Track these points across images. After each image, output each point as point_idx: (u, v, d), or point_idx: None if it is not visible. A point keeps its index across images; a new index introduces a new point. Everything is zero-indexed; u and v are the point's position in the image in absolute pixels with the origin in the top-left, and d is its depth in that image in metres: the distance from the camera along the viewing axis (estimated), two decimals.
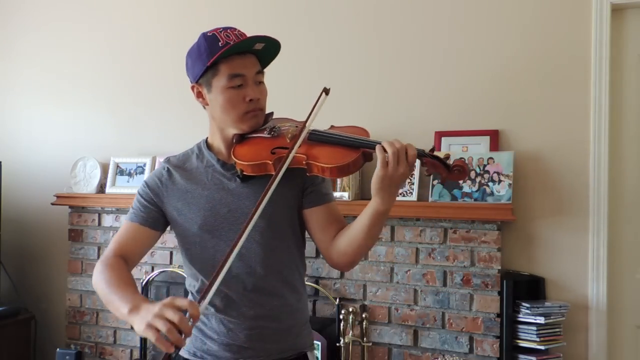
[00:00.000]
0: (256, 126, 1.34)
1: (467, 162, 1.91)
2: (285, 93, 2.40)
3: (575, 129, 2.36)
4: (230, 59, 1.28)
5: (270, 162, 1.26)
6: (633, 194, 2.39)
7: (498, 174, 2.33)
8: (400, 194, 2.47)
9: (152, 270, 2.88)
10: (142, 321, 1.04)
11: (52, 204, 3.04)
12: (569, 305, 2.25)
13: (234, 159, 1.30)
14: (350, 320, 2.46)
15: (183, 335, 1.01)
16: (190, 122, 3.00)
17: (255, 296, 1.33)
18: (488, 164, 2.35)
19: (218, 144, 1.39)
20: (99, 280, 1.25)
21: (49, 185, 3.20)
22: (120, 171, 3.01)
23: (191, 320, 1.03)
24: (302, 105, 1.44)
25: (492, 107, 2.48)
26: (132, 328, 1.11)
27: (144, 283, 2.85)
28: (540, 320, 2.19)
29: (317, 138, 1.28)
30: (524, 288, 2.32)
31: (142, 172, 2.96)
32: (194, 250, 1.37)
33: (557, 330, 2.23)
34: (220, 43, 1.27)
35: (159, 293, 2.90)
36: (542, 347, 2.20)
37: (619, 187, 2.38)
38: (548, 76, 2.41)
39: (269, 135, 1.32)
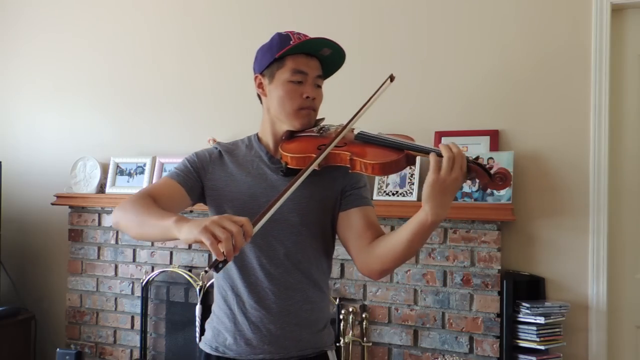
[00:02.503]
0: (307, 125, 1.38)
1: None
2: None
3: (575, 129, 2.36)
4: (298, 56, 1.35)
5: (314, 156, 1.28)
6: (633, 194, 2.39)
7: (492, 165, 2.32)
8: (400, 194, 2.47)
9: (152, 270, 2.88)
10: (197, 226, 1.04)
11: (52, 204, 3.04)
12: (569, 305, 2.26)
13: (281, 151, 1.34)
14: (350, 320, 2.46)
15: (234, 247, 1.02)
16: (189, 123, 3.00)
17: (280, 290, 1.34)
18: (488, 164, 2.35)
19: (267, 138, 1.43)
20: (129, 207, 1.24)
21: (49, 185, 3.20)
22: (120, 171, 3.01)
23: (245, 235, 1.03)
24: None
25: (492, 107, 2.48)
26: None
27: (144, 283, 2.85)
28: (540, 320, 2.19)
29: (363, 139, 1.32)
30: (524, 288, 2.32)
31: (142, 172, 2.96)
32: None
33: (557, 330, 2.24)
34: (291, 41, 1.35)
35: (159, 293, 2.90)
36: (542, 347, 2.20)
37: (619, 187, 2.38)
38: (548, 76, 2.41)
39: (317, 134, 1.37)
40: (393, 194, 2.47)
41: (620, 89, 2.39)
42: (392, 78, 1.39)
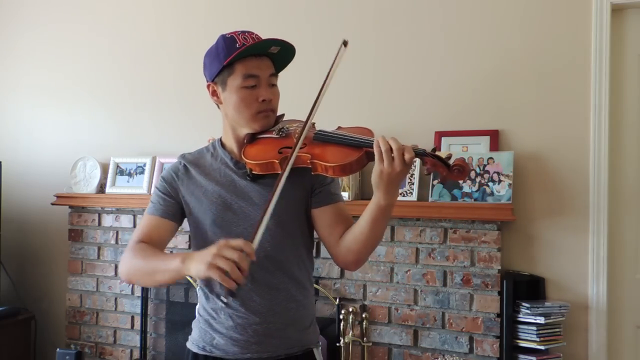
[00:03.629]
0: (267, 126, 1.38)
1: (467, 161, 1.90)
2: (285, 93, 2.40)
3: (575, 129, 2.36)
4: (246, 59, 1.33)
5: (277, 161, 1.30)
6: (633, 194, 2.39)
7: (498, 174, 2.33)
8: (401, 194, 2.47)
9: None
10: (202, 263, 1.11)
11: (52, 204, 3.04)
12: (569, 305, 2.26)
13: (244, 158, 1.35)
14: (350, 320, 2.46)
15: (241, 272, 1.09)
16: (189, 123, 3.00)
17: (263, 291, 1.35)
18: (488, 164, 2.35)
19: (230, 143, 1.44)
20: (133, 263, 1.31)
21: (49, 185, 3.20)
22: (120, 171, 3.01)
23: (247, 257, 1.11)
24: (303, 105, 1.45)
25: (492, 107, 2.48)
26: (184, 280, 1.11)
27: None
28: (540, 320, 2.19)
29: (322, 138, 1.31)
30: (524, 288, 2.32)
31: (142, 172, 2.96)
32: (205, 246, 1.37)
33: (557, 330, 2.23)
34: (237, 44, 1.32)
35: (159, 293, 2.90)
36: (542, 347, 2.20)
37: (619, 187, 2.38)
38: (548, 76, 2.41)
39: (277, 136, 1.36)
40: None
41: (620, 89, 2.39)
42: (345, 43, 1.37)
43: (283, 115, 1.44)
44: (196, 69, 3.09)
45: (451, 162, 1.19)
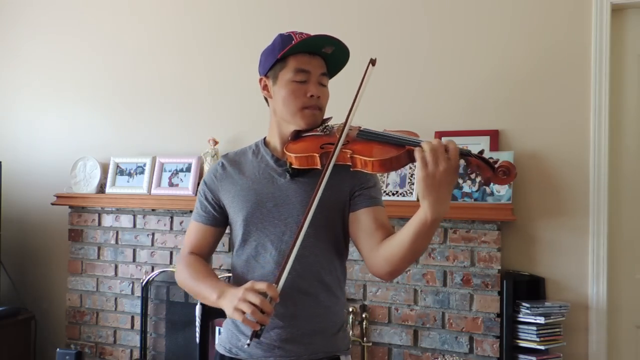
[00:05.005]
0: (313, 124, 1.37)
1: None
2: None
3: (575, 129, 2.36)
4: (300, 55, 1.35)
5: (317, 155, 1.29)
6: (633, 194, 2.39)
7: (497, 159, 2.32)
8: (400, 194, 2.47)
9: (152, 270, 2.88)
10: (230, 305, 1.19)
11: (52, 204, 3.04)
12: (569, 305, 2.26)
13: (286, 152, 1.35)
14: (350, 320, 2.46)
15: (265, 315, 1.15)
16: (189, 123, 3.00)
17: (291, 294, 1.32)
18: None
19: (275, 141, 1.44)
20: (184, 279, 1.41)
21: (49, 185, 3.20)
22: (120, 171, 3.01)
23: (271, 300, 1.16)
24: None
25: (492, 107, 2.48)
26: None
27: (144, 283, 2.85)
28: (540, 320, 2.19)
29: (365, 136, 1.30)
30: (524, 288, 2.32)
31: (142, 172, 2.96)
32: (238, 243, 1.42)
33: (557, 330, 2.23)
34: (293, 41, 1.34)
35: (159, 293, 2.90)
36: (542, 347, 2.20)
37: (619, 187, 2.38)
38: (548, 76, 2.41)
39: (321, 133, 1.36)
40: (393, 194, 2.47)
41: (620, 89, 2.39)
42: (373, 62, 1.36)
43: (330, 118, 1.44)
44: (196, 69, 3.12)
45: (495, 165, 1.15)
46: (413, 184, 2.46)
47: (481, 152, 1.17)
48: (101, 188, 3.03)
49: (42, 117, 3.34)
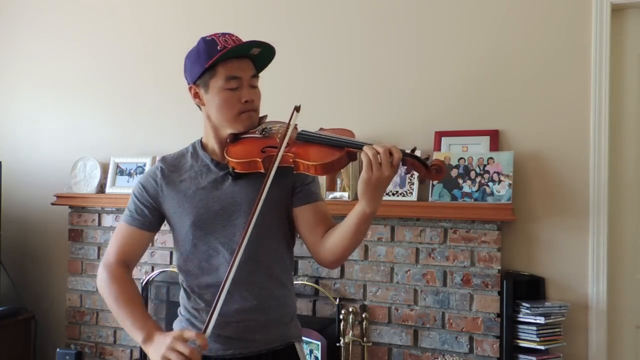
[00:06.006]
0: (250, 126, 1.40)
1: (444, 161, 1.86)
2: (286, 94, 2.40)
3: (575, 129, 2.36)
4: (228, 62, 1.35)
5: (260, 160, 1.32)
6: (633, 193, 2.39)
7: (498, 174, 2.33)
8: (400, 194, 2.47)
9: (152, 270, 2.88)
10: (157, 353, 1.19)
11: (52, 204, 3.04)
12: (569, 305, 2.25)
13: (227, 157, 1.36)
14: (350, 320, 2.46)
15: None
16: (189, 123, 2.99)
17: (243, 290, 1.37)
18: (488, 164, 2.35)
19: (212, 144, 1.46)
20: (107, 294, 1.37)
21: (49, 185, 3.20)
22: (120, 171, 3.01)
23: (200, 348, 1.16)
24: (303, 106, 1.46)
25: (492, 107, 2.48)
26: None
27: (144, 283, 2.85)
28: (540, 320, 2.19)
29: (305, 138, 1.33)
30: (524, 288, 2.32)
31: (142, 172, 2.96)
32: (187, 247, 1.42)
33: (557, 330, 2.23)
34: (218, 47, 1.34)
35: (159, 293, 2.90)
36: (542, 347, 2.20)
37: (619, 187, 2.38)
38: (548, 76, 2.41)
39: (260, 136, 1.38)
40: (393, 194, 2.47)
41: (620, 89, 2.39)
42: (297, 109, 1.36)
43: (266, 116, 1.46)
44: None
45: (429, 162, 1.22)
46: (413, 184, 2.46)
47: (413, 150, 1.24)
48: (101, 188, 3.03)
49: (42, 117, 3.34)
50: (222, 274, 1.34)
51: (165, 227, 1.51)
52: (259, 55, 1.38)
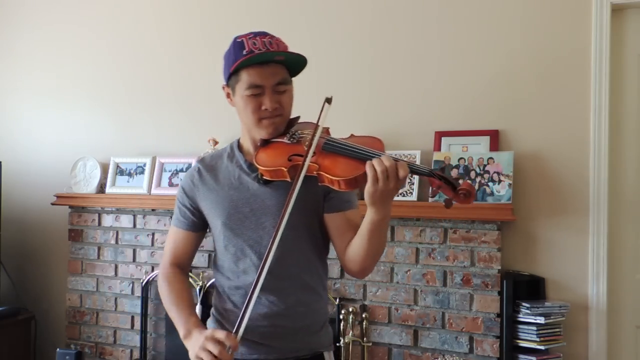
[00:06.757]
0: (274, 133, 1.37)
1: (469, 169, 1.81)
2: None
3: (575, 128, 2.36)
4: (251, 67, 1.32)
5: (285, 169, 1.30)
6: (633, 194, 2.39)
7: (498, 174, 2.33)
8: (400, 194, 2.47)
9: (152, 270, 2.88)
10: (192, 351, 1.26)
11: (52, 204, 3.04)
12: (569, 305, 2.26)
13: (255, 163, 1.35)
14: (350, 320, 2.46)
15: None
16: (189, 123, 3.00)
17: (271, 295, 1.36)
18: (488, 164, 2.35)
19: (247, 145, 1.45)
20: (162, 294, 1.47)
21: (49, 185, 3.20)
22: (120, 171, 3.01)
23: (230, 349, 1.21)
24: (302, 106, 1.47)
25: (492, 107, 2.48)
26: None
27: (144, 283, 2.85)
28: (540, 320, 2.19)
29: (331, 148, 1.29)
30: (524, 288, 2.32)
31: (142, 172, 2.96)
32: (219, 248, 1.44)
33: (557, 330, 2.23)
34: (244, 50, 1.32)
35: (159, 293, 2.89)
36: (542, 347, 2.20)
37: (619, 187, 2.38)
38: (548, 76, 2.41)
39: (288, 141, 1.36)
40: None
41: (620, 89, 2.39)
42: (329, 101, 1.32)
43: (298, 117, 1.43)
44: (196, 69, 3.11)
45: (458, 184, 1.18)
46: (413, 184, 2.46)
47: (442, 169, 1.20)
48: (101, 188, 3.03)
49: (42, 117, 3.34)
50: (249, 276, 1.34)
51: (166, 227, 1.51)
52: (288, 61, 1.35)
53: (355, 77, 2.70)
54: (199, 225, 1.48)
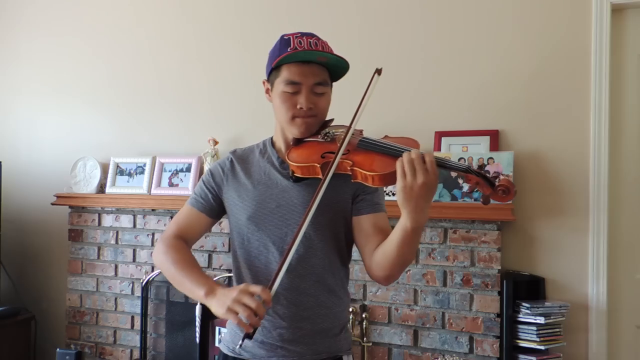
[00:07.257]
0: (307, 132, 1.37)
1: (510, 181, 1.72)
2: None
3: (575, 129, 2.36)
4: (292, 65, 1.32)
5: (318, 166, 1.30)
6: (633, 194, 2.39)
7: (498, 174, 2.33)
8: None
9: (152, 270, 2.88)
10: (222, 305, 1.19)
11: (52, 204, 3.04)
12: (569, 305, 2.26)
13: (288, 160, 1.35)
14: (350, 320, 2.46)
15: (258, 317, 1.15)
16: (189, 123, 3.00)
17: (291, 295, 1.34)
18: (488, 164, 2.35)
19: (280, 142, 1.44)
20: (164, 261, 1.38)
21: (49, 185, 3.20)
22: (120, 171, 3.01)
23: (264, 303, 1.16)
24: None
25: (492, 107, 2.48)
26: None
27: (144, 283, 2.85)
28: (540, 320, 2.19)
29: (365, 146, 1.29)
30: (524, 288, 2.32)
31: (142, 172, 2.96)
32: (240, 241, 1.42)
33: (557, 330, 2.24)
34: (289, 48, 1.32)
35: (159, 293, 2.90)
36: (542, 347, 2.20)
37: (619, 187, 2.38)
38: (548, 76, 2.41)
39: (322, 140, 1.36)
40: (393, 194, 2.47)
41: (620, 89, 2.39)
42: (379, 72, 1.34)
43: (332, 120, 1.43)
44: (196, 69, 3.11)
45: (497, 181, 1.15)
46: None
47: (481, 167, 1.18)
48: (101, 188, 3.03)
49: (42, 117, 3.34)
50: (271, 271, 1.32)
51: (166, 227, 1.51)
52: (330, 63, 1.35)
53: (355, 77, 2.69)
54: (214, 212, 1.46)
